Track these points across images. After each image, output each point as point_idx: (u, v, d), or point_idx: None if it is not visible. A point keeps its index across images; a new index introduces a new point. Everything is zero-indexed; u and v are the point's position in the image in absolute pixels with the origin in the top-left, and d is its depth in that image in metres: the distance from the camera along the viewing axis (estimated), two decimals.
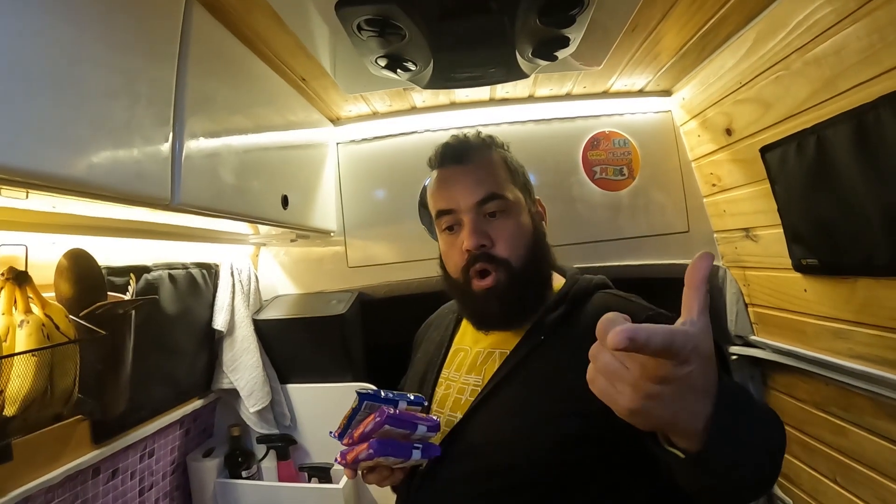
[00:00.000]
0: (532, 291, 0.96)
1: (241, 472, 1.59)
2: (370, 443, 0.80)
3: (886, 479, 1.16)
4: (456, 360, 1.01)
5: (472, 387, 0.93)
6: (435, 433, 0.86)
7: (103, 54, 0.72)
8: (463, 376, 0.96)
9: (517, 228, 0.95)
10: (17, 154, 0.59)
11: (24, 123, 0.60)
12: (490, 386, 0.89)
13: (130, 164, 0.77)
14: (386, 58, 1.03)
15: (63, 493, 1.09)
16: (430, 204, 1.02)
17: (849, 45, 0.98)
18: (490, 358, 0.95)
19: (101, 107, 0.72)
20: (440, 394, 0.97)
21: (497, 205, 0.94)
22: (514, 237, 0.94)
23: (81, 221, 0.99)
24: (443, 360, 1.03)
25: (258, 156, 1.21)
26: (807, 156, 1.15)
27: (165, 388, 1.42)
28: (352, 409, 0.87)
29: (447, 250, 0.99)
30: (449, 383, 0.98)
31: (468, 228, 0.93)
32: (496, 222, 0.94)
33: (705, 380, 0.52)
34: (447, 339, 1.07)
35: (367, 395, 0.87)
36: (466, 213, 0.94)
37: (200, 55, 0.93)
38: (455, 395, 0.94)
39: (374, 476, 0.87)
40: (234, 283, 1.63)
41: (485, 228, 0.93)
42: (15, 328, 0.82)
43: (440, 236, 1.02)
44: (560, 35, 1.00)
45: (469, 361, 0.98)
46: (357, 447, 0.82)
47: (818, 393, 1.38)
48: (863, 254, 1.08)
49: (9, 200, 0.78)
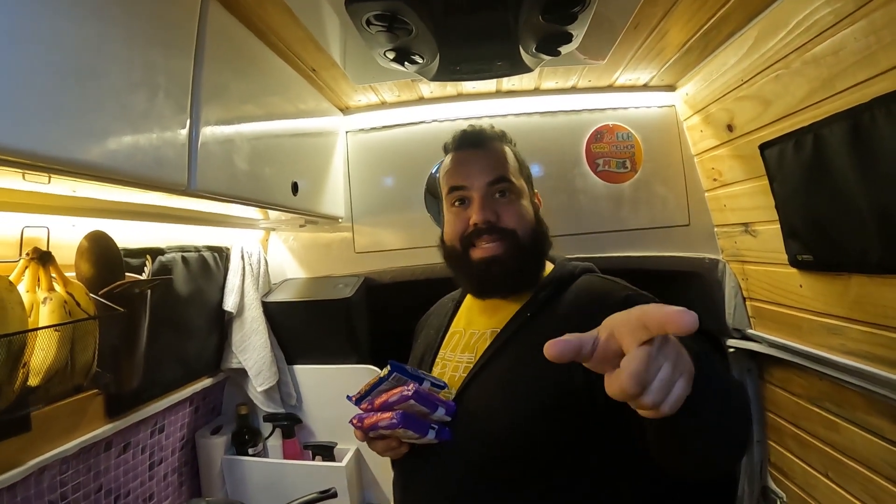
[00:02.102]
0: (531, 264, 1.03)
1: (248, 450, 1.64)
2: (395, 413, 0.84)
3: (877, 475, 1.18)
4: (452, 341, 1.07)
5: (466, 364, 0.99)
6: (451, 417, 0.90)
7: (125, 49, 0.75)
8: (458, 355, 1.02)
9: (522, 209, 1.04)
10: (43, 141, 0.62)
11: (52, 113, 0.63)
12: (481, 361, 0.95)
13: (150, 152, 0.81)
14: (394, 51, 1.07)
15: (77, 465, 1.14)
16: (444, 181, 1.09)
17: (846, 45, 0.98)
18: (482, 338, 1.00)
19: (123, 97, 0.75)
20: (436, 373, 1.02)
21: (505, 187, 1.03)
22: (519, 215, 1.02)
23: (100, 205, 1.03)
24: (440, 342, 1.09)
25: (270, 143, 1.25)
26: (804, 154, 1.16)
27: (177, 366, 1.46)
28: (378, 378, 0.91)
29: (453, 222, 1.06)
30: (445, 363, 1.04)
31: (478, 204, 1.01)
32: (504, 201, 1.03)
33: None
34: (445, 324, 1.12)
35: (398, 366, 0.91)
36: (477, 191, 1.02)
37: (216, 48, 0.96)
38: (450, 372, 1.00)
39: (382, 444, 0.92)
40: (245, 267, 1.67)
41: (493, 206, 1.01)
42: (39, 305, 0.87)
43: (448, 211, 1.08)
44: (563, 31, 1.03)
45: (463, 342, 1.04)
46: (378, 414, 0.87)
47: (812, 388, 1.40)
48: (856, 251, 1.09)
49: (32, 185, 0.82)
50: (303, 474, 1.56)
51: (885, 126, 0.93)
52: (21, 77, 0.58)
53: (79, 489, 1.15)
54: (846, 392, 1.25)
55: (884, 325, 1.09)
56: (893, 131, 0.92)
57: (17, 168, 0.64)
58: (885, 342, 1.09)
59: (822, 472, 1.38)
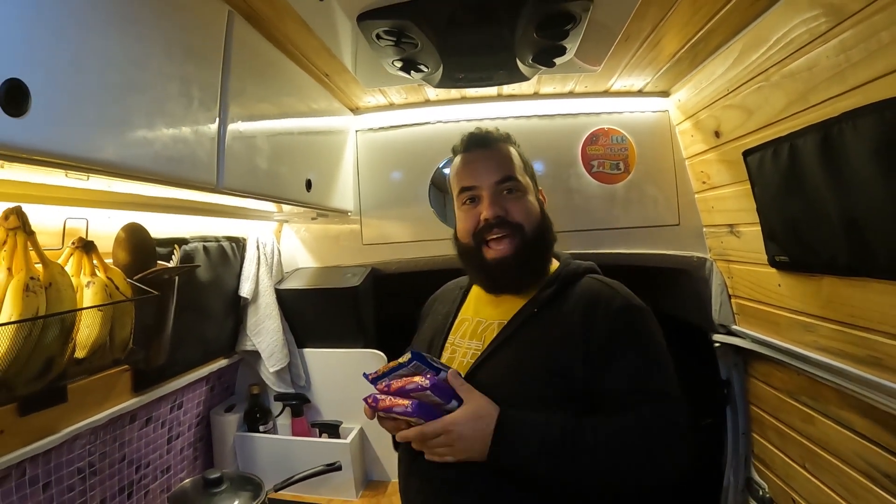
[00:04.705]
0: (539, 258, 1.12)
1: (259, 427, 1.73)
2: (412, 402, 0.89)
3: (849, 467, 1.22)
4: (461, 328, 1.14)
5: (474, 350, 1.06)
6: None
7: (165, 65, 0.84)
8: (466, 342, 1.10)
9: (528, 205, 1.10)
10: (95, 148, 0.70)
11: (107, 123, 0.71)
12: (489, 349, 1.03)
13: (186, 155, 0.89)
14: (401, 61, 1.15)
15: (105, 435, 1.23)
16: (454, 182, 1.16)
17: (820, 62, 1.04)
18: (489, 327, 1.08)
19: (163, 107, 0.83)
20: (446, 357, 1.10)
21: (512, 185, 1.10)
22: (526, 210, 1.09)
23: (133, 199, 1.12)
24: (449, 328, 1.16)
25: (286, 143, 1.32)
26: (781, 162, 1.21)
27: (196, 347, 1.55)
28: (398, 363, 0.95)
29: (464, 219, 1.13)
30: (454, 348, 1.11)
31: (487, 201, 1.09)
32: (511, 198, 1.09)
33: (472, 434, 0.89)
34: (454, 311, 1.19)
35: (419, 355, 0.94)
36: (486, 189, 1.09)
37: (240, 58, 1.04)
38: (459, 358, 1.08)
39: (392, 425, 0.98)
40: (259, 256, 1.75)
41: (501, 202, 1.08)
42: (83, 288, 0.96)
43: (459, 210, 1.15)
44: (557, 45, 1.11)
45: (471, 329, 1.12)
46: (395, 399, 0.91)
47: (791, 382, 1.45)
48: (827, 254, 1.14)
49: (73, 181, 0.91)
50: (310, 450, 1.64)
51: (852, 139, 0.98)
52: (79, 93, 0.67)
53: (105, 458, 1.24)
54: (821, 387, 1.30)
55: (852, 323, 1.13)
56: (860, 144, 0.97)
57: (60, 168, 0.70)
58: (853, 340, 1.14)
59: (799, 464, 1.43)
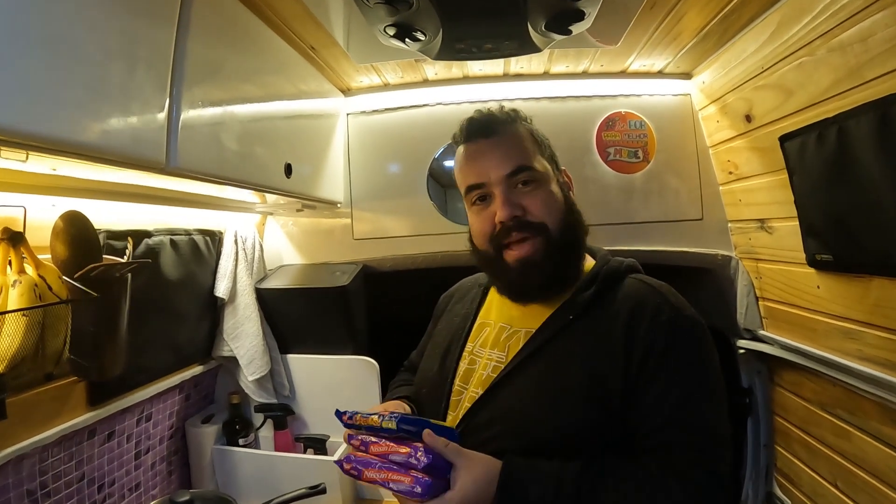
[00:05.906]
0: (570, 260, 0.96)
1: (239, 440, 1.62)
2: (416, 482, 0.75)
3: (887, 487, 1.15)
4: (481, 335, 1.01)
5: (496, 363, 0.94)
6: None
7: (101, 15, 0.72)
8: (487, 351, 0.97)
9: (550, 196, 0.95)
10: (12, 115, 0.60)
11: (21, 85, 0.60)
12: (514, 363, 0.90)
13: (126, 127, 0.77)
14: (395, 27, 1.03)
15: (58, 453, 1.12)
16: (459, 180, 1.02)
17: (876, 32, 0.94)
18: (515, 336, 0.95)
19: (98, 69, 0.72)
20: (463, 368, 0.98)
21: (527, 175, 0.94)
22: (547, 204, 0.94)
23: (82, 184, 1.00)
24: (467, 333, 1.03)
25: (263, 123, 1.21)
26: (827, 147, 1.12)
27: (165, 353, 1.44)
28: (379, 424, 0.82)
29: (477, 222, 0.99)
30: (473, 358, 0.98)
31: (500, 200, 0.93)
32: (528, 192, 0.94)
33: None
34: (472, 313, 1.07)
35: (405, 426, 0.80)
36: (497, 186, 0.93)
37: (202, 20, 0.92)
38: (479, 370, 0.95)
39: None
40: (238, 251, 1.65)
41: (517, 199, 0.93)
42: (8, 288, 0.84)
43: (470, 211, 1.01)
44: (575, 7, 0.99)
45: (493, 337, 0.98)
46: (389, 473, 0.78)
47: (824, 393, 1.37)
48: (880, 252, 1.06)
49: (8, 162, 0.78)
50: (294, 467, 1.53)
51: None
52: None
53: (59, 478, 1.13)
54: (860, 399, 1.22)
55: None
56: None
57: None
58: None
59: (830, 481, 1.36)
